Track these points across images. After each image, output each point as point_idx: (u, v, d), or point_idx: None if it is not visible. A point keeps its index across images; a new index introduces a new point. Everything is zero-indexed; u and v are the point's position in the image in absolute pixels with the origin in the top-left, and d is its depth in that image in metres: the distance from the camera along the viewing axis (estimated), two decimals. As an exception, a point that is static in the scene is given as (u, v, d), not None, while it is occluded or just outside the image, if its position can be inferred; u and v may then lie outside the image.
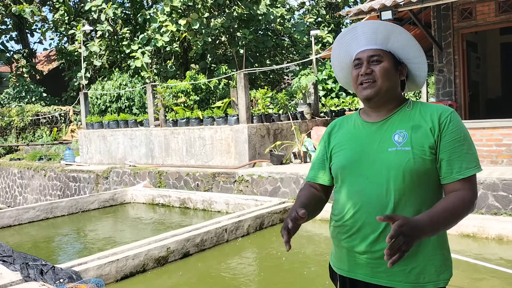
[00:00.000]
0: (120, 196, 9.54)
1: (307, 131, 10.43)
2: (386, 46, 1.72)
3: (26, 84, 20.17)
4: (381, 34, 1.71)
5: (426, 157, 1.61)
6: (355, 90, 1.78)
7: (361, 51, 1.73)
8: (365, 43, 1.73)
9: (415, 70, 1.78)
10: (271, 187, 7.95)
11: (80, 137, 12.82)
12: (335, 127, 1.87)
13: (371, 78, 1.69)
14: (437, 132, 1.62)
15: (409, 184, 1.60)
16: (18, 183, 13.45)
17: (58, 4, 20.28)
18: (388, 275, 1.63)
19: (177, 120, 10.49)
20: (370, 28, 1.71)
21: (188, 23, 15.60)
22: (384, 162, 1.63)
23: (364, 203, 1.65)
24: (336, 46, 1.82)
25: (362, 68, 1.70)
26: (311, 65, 13.13)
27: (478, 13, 8.74)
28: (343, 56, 1.82)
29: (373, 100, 1.70)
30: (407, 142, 1.62)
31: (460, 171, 1.60)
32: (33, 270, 4.34)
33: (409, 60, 1.75)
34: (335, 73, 1.90)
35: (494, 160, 6.96)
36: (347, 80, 1.89)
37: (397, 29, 1.70)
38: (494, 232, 5.56)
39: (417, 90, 1.89)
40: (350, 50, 1.78)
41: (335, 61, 1.86)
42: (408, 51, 1.73)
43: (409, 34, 1.72)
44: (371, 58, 1.70)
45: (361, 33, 1.73)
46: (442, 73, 9.22)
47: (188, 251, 5.52)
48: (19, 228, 8.09)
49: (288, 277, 4.90)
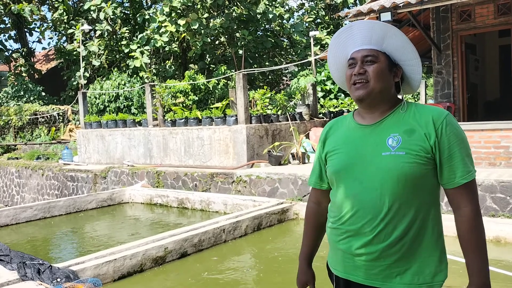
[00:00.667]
0: (118, 196, 9.53)
1: (306, 132, 10.44)
2: (381, 46, 1.71)
3: (24, 83, 20.14)
4: (377, 34, 1.70)
5: (420, 161, 1.60)
6: (348, 90, 1.77)
7: (356, 51, 1.72)
8: (360, 43, 1.72)
9: (410, 73, 1.77)
10: (269, 187, 7.95)
11: (78, 136, 12.80)
12: (330, 130, 1.86)
13: (364, 78, 1.67)
14: (434, 137, 1.60)
15: (404, 188, 1.60)
16: (16, 182, 13.42)
17: (57, 3, 20.26)
18: (382, 277, 1.64)
19: (176, 120, 10.48)
20: (366, 27, 1.71)
21: (187, 23, 15.60)
22: (378, 167, 1.63)
23: (359, 207, 1.65)
24: (333, 45, 1.81)
25: (356, 68, 1.69)
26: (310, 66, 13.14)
27: (477, 15, 8.76)
28: (339, 55, 1.81)
29: (365, 101, 1.69)
30: (401, 147, 1.61)
31: (463, 175, 1.60)
32: (30, 270, 4.33)
33: (404, 62, 1.74)
34: (332, 72, 1.90)
35: (492, 162, 6.97)
36: (342, 79, 1.88)
37: (393, 29, 1.70)
38: (492, 234, 5.56)
39: (412, 93, 1.88)
40: (345, 49, 1.77)
41: (332, 59, 1.85)
42: (403, 52, 1.72)
43: (404, 36, 1.71)
44: (365, 58, 1.69)
45: (357, 32, 1.72)
46: (440, 75, 9.23)
47: (186, 251, 5.51)
48: (16, 227, 8.07)
49: (286, 278, 4.90)
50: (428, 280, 1.62)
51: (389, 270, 1.62)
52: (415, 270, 1.62)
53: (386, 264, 1.62)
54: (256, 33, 19.12)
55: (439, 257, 1.66)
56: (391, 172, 1.60)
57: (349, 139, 1.75)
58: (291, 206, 7.26)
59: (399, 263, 1.61)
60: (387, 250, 1.61)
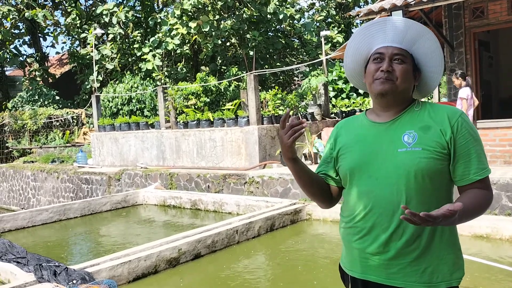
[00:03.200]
0: (132, 197, 9.61)
1: (318, 132, 10.41)
2: (411, 48, 1.68)
3: (39, 88, 20.42)
4: (411, 34, 1.67)
5: (437, 157, 1.60)
6: (368, 84, 1.72)
7: (385, 47, 1.68)
8: (392, 40, 1.68)
9: (428, 79, 1.75)
10: (281, 188, 7.95)
11: (92, 139, 12.93)
12: (342, 128, 1.84)
13: (390, 76, 1.64)
14: (450, 134, 1.60)
15: (420, 184, 1.59)
16: (32, 185, 13.61)
17: (70, 8, 20.52)
18: (402, 275, 1.62)
19: (188, 122, 10.54)
20: (403, 24, 1.67)
21: (198, 26, 15.68)
22: (394, 163, 1.62)
23: (375, 204, 1.64)
24: (359, 35, 1.74)
25: (384, 64, 1.65)
26: (321, 65, 13.10)
27: (490, 12, 8.65)
28: (363, 47, 1.74)
29: (387, 97, 1.66)
30: (417, 143, 1.61)
31: (477, 172, 1.60)
32: (47, 271, 4.40)
33: (427, 68, 1.72)
34: (346, 61, 1.82)
35: (507, 160, 6.88)
36: (356, 71, 1.82)
37: (428, 34, 1.67)
38: (508, 233, 5.49)
39: (419, 99, 1.86)
40: (372, 42, 1.71)
41: (352, 50, 1.77)
42: (430, 58, 1.69)
43: (437, 42, 1.68)
44: (395, 56, 1.66)
45: (391, 27, 1.68)
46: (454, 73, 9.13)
47: (200, 253, 5.54)
48: (32, 230, 8.19)
49: (300, 278, 4.89)
50: (446, 278, 1.62)
51: (409, 269, 1.61)
52: (433, 268, 1.61)
53: (405, 262, 1.61)
54: (267, 33, 19.13)
55: (456, 254, 1.66)
56: (408, 168, 1.59)
57: (363, 137, 1.73)
58: (304, 206, 7.25)
59: (418, 261, 1.61)
60: (405, 247, 1.60)
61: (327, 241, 6.22)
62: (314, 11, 22.45)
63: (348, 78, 1.91)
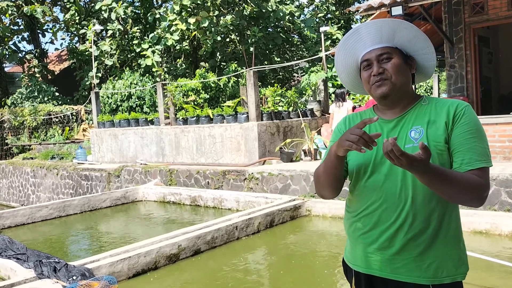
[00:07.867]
0: (132, 194, 9.61)
1: (317, 128, 10.41)
2: (393, 42, 1.71)
3: (38, 84, 20.39)
4: (386, 32, 1.69)
5: (442, 151, 1.61)
6: (368, 91, 1.75)
7: (368, 52, 1.72)
8: (371, 43, 1.71)
9: (424, 61, 1.77)
10: (281, 184, 7.95)
11: (92, 136, 12.93)
12: (350, 124, 1.85)
13: (383, 77, 1.67)
14: (451, 125, 1.62)
15: None
16: (31, 181, 13.62)
17: (69, 4, 20.46)
18: (406, 270, 1.63)
19: (187, 119, 10.53)
20: (374, 27, 1.70)
21: (197, 22, 15.64)
22: None
23: (381, 200, 1.66)
24: (340, 51, 1.79)
25: (374, 68, 1.69)
26: (321, 62, 13.09)
27: (490, 8, 8.63)
28: (349, 60, 1.79)
29: (389, 97, 1.69)
30: (423, 138, 1.63)
31: (470, 162, 1.58)
32: (47, 268, 4.40)
33: (416, 52, 1.74)
34: (341, 78, 1.87)
35: (507, 156, 6.88)
36: (354, 84, 1.87)
37: (402, 24, 1.69)
38: (507, 229, 5.50)
39: (426, 81, 1.88)
40: (355, 52, 1.76)
41: (340, 66, 1.83)
42: (414, 43, 1.72)
43: (414, 27, 1.71)
44: (380, 56, 1.69)
45: (365, 33, 1.71)
46: (453, 69, 9.12)
47: (199, 249, 5.54)
48: (32, 226, 8.20)
49: (300, 274, 4.90)
50: (451, 272, 1.63)
51: (413, 264, 1.62)
52: (438, 263, 1.62)
53: (410, 257, 1.63)
54: (267, 30, 19.09)
55: (461, 248, 1.68)
56: None
57: (371, 133, 1.74)
58: (304, 202, 7.26)
59: (422, 256, 1.62)
60: (410, 243, 1.62)
61: (326, 237, 6.23)
62: (313, 7, 22.40)
63: (354, 92, 1.95)
